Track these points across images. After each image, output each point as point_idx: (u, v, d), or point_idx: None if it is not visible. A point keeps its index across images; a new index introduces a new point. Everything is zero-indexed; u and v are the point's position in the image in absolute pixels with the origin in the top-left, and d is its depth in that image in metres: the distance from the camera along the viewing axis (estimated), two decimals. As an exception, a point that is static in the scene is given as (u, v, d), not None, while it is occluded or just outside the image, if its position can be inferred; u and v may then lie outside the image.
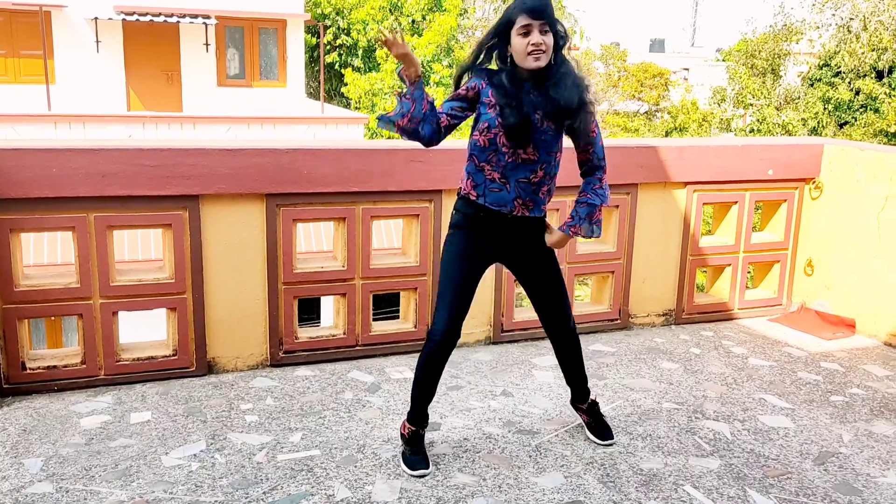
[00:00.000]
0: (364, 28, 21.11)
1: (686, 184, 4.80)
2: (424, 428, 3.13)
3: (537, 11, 2.72)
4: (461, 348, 4.38)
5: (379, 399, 3.73)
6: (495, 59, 2.88)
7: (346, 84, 20.57)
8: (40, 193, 3.52)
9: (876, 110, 18.82)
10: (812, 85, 20.49)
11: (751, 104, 21.62)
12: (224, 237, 3.89)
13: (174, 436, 3.31)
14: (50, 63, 15.59)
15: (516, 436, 3.39)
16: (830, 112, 19.60)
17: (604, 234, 4.76)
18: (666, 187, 4.77)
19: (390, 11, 21.20)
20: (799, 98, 20.74)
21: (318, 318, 12.88)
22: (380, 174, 4.01)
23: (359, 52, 21.62)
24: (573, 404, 3.40)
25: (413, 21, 21.26)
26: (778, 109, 20.75)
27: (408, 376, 3.97)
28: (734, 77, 22.79)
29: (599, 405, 3.45)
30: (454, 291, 2.95)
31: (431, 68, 20.32)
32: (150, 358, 3.88)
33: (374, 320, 4.32)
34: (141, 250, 10.95)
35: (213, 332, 3.95)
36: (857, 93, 19.22)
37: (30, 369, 3.69)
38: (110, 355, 3.78)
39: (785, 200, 5.14)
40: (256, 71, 17.73)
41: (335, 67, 22.05)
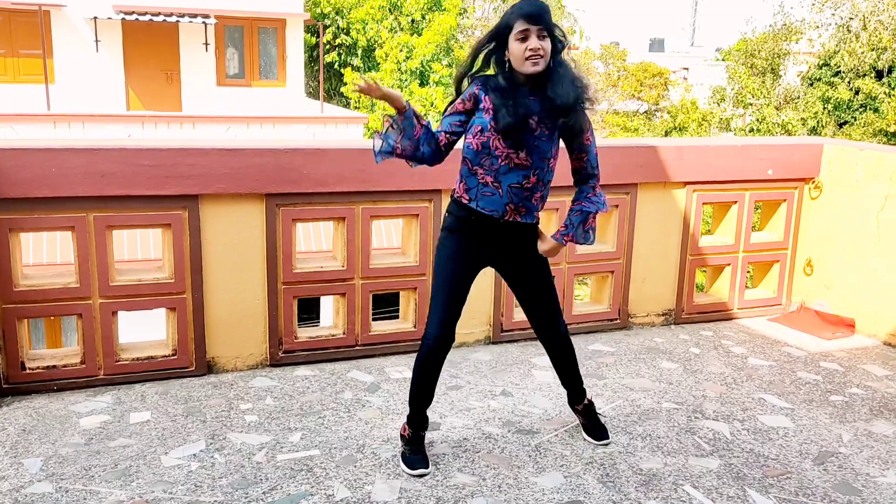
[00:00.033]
0: (363, 27, 21.11)
1: (686, 183, 4.80)
2: (424, 430, 3.14)
3: (535, 16, 2.72)
4: (461, 348, 4.39)
5: (378, 399, 3.73)
6: (493, 65, 2.87)
7: (346, 83, 20.57)
8: (39, 193, 3.52)
9: (875, 110, 18.82)
10: (811, 84, 20.48)
11: (750, 104, 21.61)
12: (223, 237, 3.89)
13: (174, 436, 3.31)
14: (49, 63, 15.58)
15: (516, 436, 3.39)
16: (830, 112, 19.60)
17: (603, 234, 4.77)
18: (665, 187, 4.77)
19: (390, 11, 21.20)
20: (798, 98, 20.73)
21: (318, 318, 12.87)
22: (379, 174, 4.00)
23: (358, 52, 21.62)
24: (570, 405, 3.41)
25: (413, 20, 21.26)
26: (777, 109, 20.74)
27: (407, 376, 3.97)
28: (734, 77, 22.78)
29: (595, 405, 3.45)
30: (447, 295, 2.95)
31: (431, 67, 20.33)
32: (150, 358, 3.88)
33: (374, 320, 4.32)
34: (140, 250, 10.94)
35: (213, 332, 3.95)
36: (857, 92, 19.21)
37: (29, 369, 3.69)
38: (110, 355, 3.78)
39: (784, 200, 5.14)
40: (256, 70, 17.73)
41: (334, 67, 22.05)
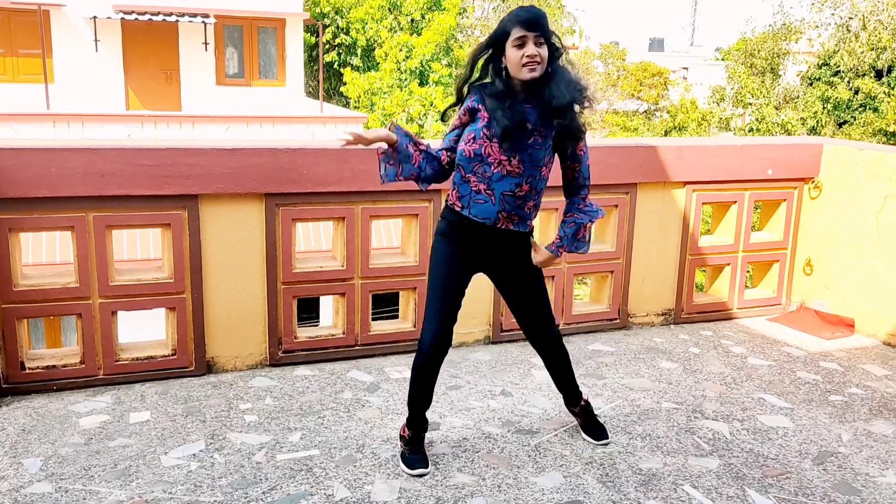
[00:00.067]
0: (363, 27, 21.11)
1: (685, 183, 4.80)
2: (424, 431, 3.14)
3: (532, 23, 2.72)
4: (460, 348, 4.39)
5: (378, 399, 3.73)
6: (490, 72, 2.85)
7: (345, 83, 20.58)
8: (39, 193, 3.52)
9: (875, 109, 18.81)
10: (811, 84, 20.48)
11: (750, 103, 21.61)
12: (223, 237, 3.89)
13: (173, 435, 3.31)
14: (49, 62, 15.57)
15: (515, 435, 3.39)
16: (829, 111, 19.59)
17: (603, 234, 4.77)
18: (665, 187, 4.77)
19: (389, 10, 21.20)
20: (798, 97, 20.73)
21: (318, 318, 12.87)
22: (379, 173, 3.99)
23: (358, 51, 21.63)
24: (567, 407, 3.41)
25: (412, 20, 21.26)
26: (777, 109, 20.74)
27: (407, 375, 3.96)
28: (733, 76, 22.78)
29: (593, 405, 3.46)
30: (442, 299, 2.95)
31: (431, 67, 20.32)
32: (149, 357, 3.88)
33: (374, 320, 4.32)
34: (140, 250, 10.94)
35: (213, 332, 3.95)
36: (856, 92, 19.21)
37: (29, 369, 3.69)
38: (109, 355, 3.78)
39: (784, 200, 5.14)
40: (255, 70, 17.72)
41: (334, 66, 22.06)
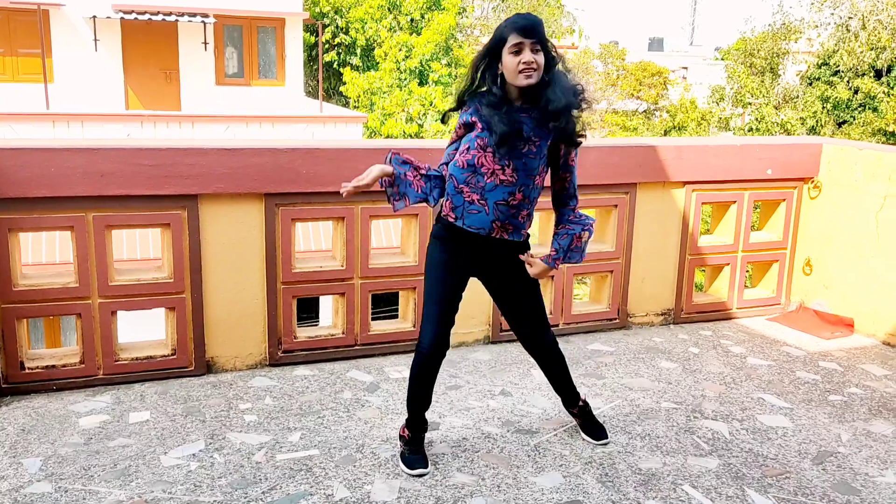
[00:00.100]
0: (362, 27, 21.10)
1: (685, 183, 4.81)
2: (424, 431, 3.14)
3: (528, 30, 2.72)
4: (460, 348, 4.39)
5: (378, 398, 3.73)
6: (487, 79, 2.84)
7: (345, 83, 20.57)
8: (38, 193, 3.52)
9: (874, 109, 18.81)
10: (811, 84, 20.47)
11: (749, 103, 21.60)
12: (223, 237, 3.89)
13: (173, 435, 3.31)
14: (48, 62, 15.56)
15: (515, 435, 3.39)
16: (829, 111, 19.59)
17: (603, 234, 4.77)
18: (665, 187, 4.77)
19: (389, 10, 21.19)
20: (797, 97, 20.72)
21: (317, 318, 12.87)
22: (378, 174, 4.00)
23: (357, 51, 21.62)
24: (566, 409, 3.41)
25: (412, 20, 21.25)
26: (776, 108, 20.74)
27: (406, 375, 3.94)
28: (733, 76, 22.78)
29: (592, 406, 3.46)
30: (439, 303, 2.95)
31: (430, 67, 20.32)
32: (149, 357, 3.88)
33: (373, 320, 4.32)
34: (139, 250, 10.94)
35: (212, 332, 3.95)
36: (856, 92, 19.21)
37: (28, 369, 3.69)
38: (109, 355, 3.78)
39: (784, 200, 5.14)
40: (255, 70, 17.72)
41: (334, 66, 22.05)
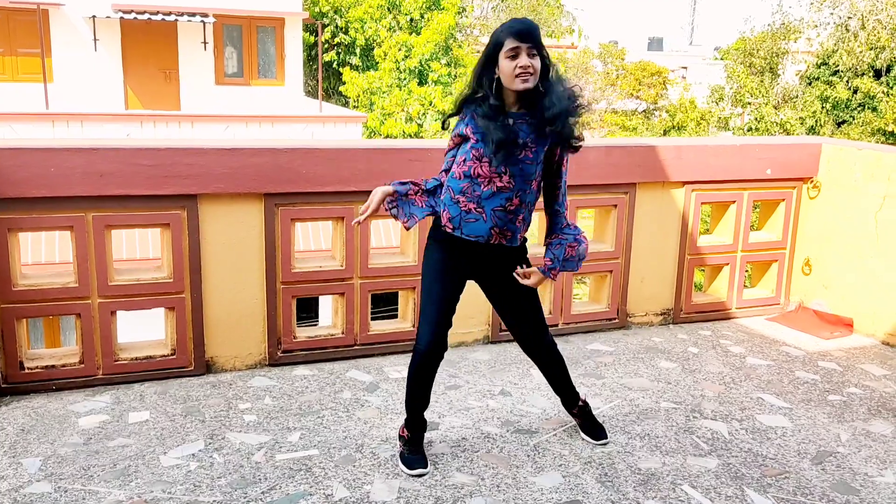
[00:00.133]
0: (362, 26, 21.09)
1: (684, 183, 4.81)
2: (423, 431, 3.14)
3: (525, 34, 2.72)
4: (459, 348, 4.39)
5: (377, 398, 3.73)
6: (484, 84, 2.83)
7: (345, 82, 20.56)
8: (38, 193, 3.52)
9: (874, 109, 18.81)
10: (810, 84, 20.47)
11: (749, 103, 21.59)
12: (222, 237, 3.89)
13: (172, 435, 3.31)
14: (48, 61, 15.55)
15: (514, 435, 3.39)
16: (828, 111, 19.59)
17: (602, 234, 4.77)
18: (664, 187, 4.77)
19: (388, 10, 21.18)
20: (797, 97, 20.71)
21: (317, 318, 12.87)
22: (378, 173, 4.00)
23: (357, 51, 21.61)
24: (565, 409, 3.41)
25: (411, 19, 21.25)
26: (776, 108, 20.73)
27: (406, 376, 3.96)
28: (732, 76, 22.77)
29: (591, 405, 3.47)
30: (436, 304, 2.95)
31: (430, 66, 20.30)
32: (149, 357, 3.88)
33: (373, 319, 4.32)
34: (139, 250, 10.94)
35: (212, 332, 3.95)
36: (855, 91, 19.20)
37: (28, 369, 3.69)
38: (108, 355, 3.78)
39: (783, 200, 5.15)
40: (254, 69, 17.71)
41: (333, 66, 22.04)
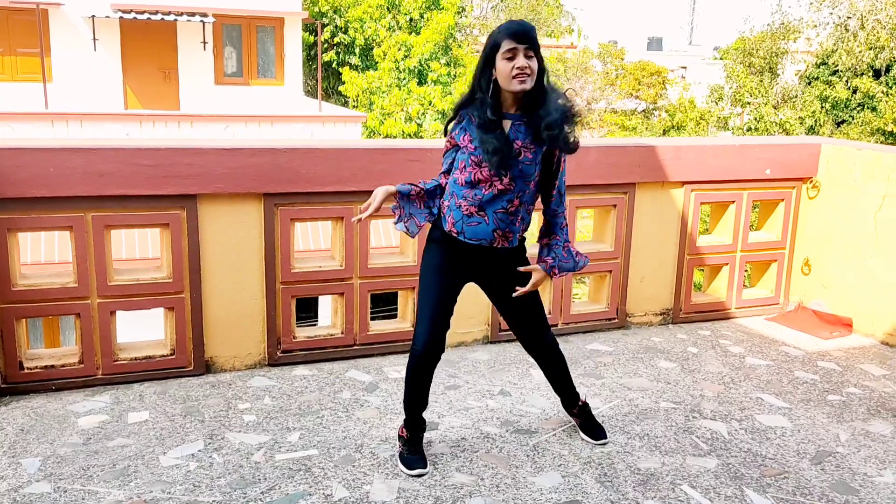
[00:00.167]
0: (362, 26, 21.09)
1: (683, 183, 4.81)
2: (422, 431, 3.14)
3: (522, 35, 2.72)
4: (459, 348, 4.39)
5: (377, 398, 3.73)
6: (482, 87, 2.82)
7: (344, 82, 20.55)
8: (37, 193, 3.52)
9: (873, 109, 18.82)
10: (809, 83, 20.47)
11: (748, 103, 21.59)
12: (222, 237, 3.89)
13: (172, 435, 3.31)
14: (47, 61, 15.54)
15: (514, 435, 3.40)
16: (828, 111, 19.59)
17: (602, 234, 4.77)
18: (663, 187, 4.77)
19: (388, 9, 21.18)
20: (796, 97, 20.72)
21: (316, 318, 12.87)
22: (378, 173, 4.00)
23: (356, 51, 21.60)
24: (565, 409, 3.42)
25: (411, 19, 21.24)
26: (775, 108, 20.74)
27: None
28: (731, 75, 22.77)
29: (591, 405, 3.47)
30: (434, 305, 2.95)
31: (429, 66, 20.30)
32: (148, 357, 3.88)
33: (372, 319, 4.32)
34: (139, 250, 10.93)
35: (211, 332, 3.95)
36: (855, 91, 19.21)
37: (27, 369, 3.69)
38: (108, 355, 3.78)
39: (782, 200, 5.15)
40: (254, 69, 17.71)
41: (333, 66, 22.03)
